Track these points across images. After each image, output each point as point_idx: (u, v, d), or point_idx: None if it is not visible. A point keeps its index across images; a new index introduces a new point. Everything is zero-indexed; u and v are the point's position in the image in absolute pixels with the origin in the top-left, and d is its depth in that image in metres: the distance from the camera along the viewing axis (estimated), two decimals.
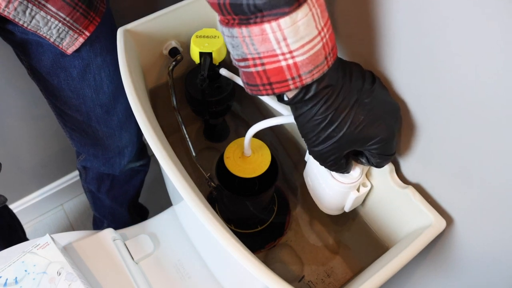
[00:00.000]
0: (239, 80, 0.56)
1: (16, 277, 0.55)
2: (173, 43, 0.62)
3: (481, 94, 0.35)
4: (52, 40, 0.55)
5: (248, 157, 0.55)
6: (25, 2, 0.50)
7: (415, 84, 0.41)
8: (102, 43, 0.61)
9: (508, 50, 0.31)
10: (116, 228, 1.04)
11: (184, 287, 0.63)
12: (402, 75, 0.42)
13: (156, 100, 0.66)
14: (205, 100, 0.61)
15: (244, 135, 0.52)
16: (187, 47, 0.63)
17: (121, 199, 0.97)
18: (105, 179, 0.89)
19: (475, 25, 0.32)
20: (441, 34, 0.35)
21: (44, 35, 0.54)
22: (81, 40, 0.57)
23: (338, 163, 0.43)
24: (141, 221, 1.11)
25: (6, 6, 0.49)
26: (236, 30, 0.34)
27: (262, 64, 0.35)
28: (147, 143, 0.57)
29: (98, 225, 1.11)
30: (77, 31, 0.56)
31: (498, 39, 0.31)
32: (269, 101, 0.55)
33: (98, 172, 0.87)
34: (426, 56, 0.38)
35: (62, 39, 0.55)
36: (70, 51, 0.57)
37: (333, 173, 0.47)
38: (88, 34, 0.57)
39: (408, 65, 0.40)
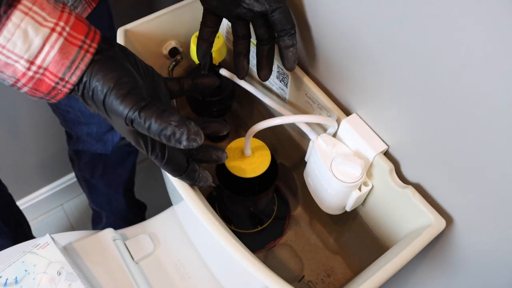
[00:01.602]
0: (239, 80, 0.56)
1: (16, 277, 0.55)
2: (173, 43, 0.62)
3: (481, 93, 0.35)
4: (68, 5, 0.57)
5: (248, 157, 0.55)
6: None
7: (414, 84, 0.41)
8: None
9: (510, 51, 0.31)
10: (114, 220, 1.06)
11: (184, 287, 0.63)
12: (402, 75, 0.42)
13: None
14: (205, 100, 0.61)
15: (244, 135, 0.52)
16: (187, 47, 0.63)
17: (116, 183, 0.98)
18: (97, 163, 0.90)
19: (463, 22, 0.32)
20: (445, 34, 0.35)
21: None
22: (88, 10, 0.60)
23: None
24: (140, 215, 1.13)
25: None
26: None
27: None
28: None
29: (96, 222, 1.11)
30: (88, 0, 0.60)
31: (496, 35, 0.31)
32: (269, 101, 0.55)
33: (90, 155, 0.87)
34: (425, 57, 0.38)
35: (75, 7, 0.58)
36: None
37: (335, 172, 0.47)
38: (94, 5, 0.61)
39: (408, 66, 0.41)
